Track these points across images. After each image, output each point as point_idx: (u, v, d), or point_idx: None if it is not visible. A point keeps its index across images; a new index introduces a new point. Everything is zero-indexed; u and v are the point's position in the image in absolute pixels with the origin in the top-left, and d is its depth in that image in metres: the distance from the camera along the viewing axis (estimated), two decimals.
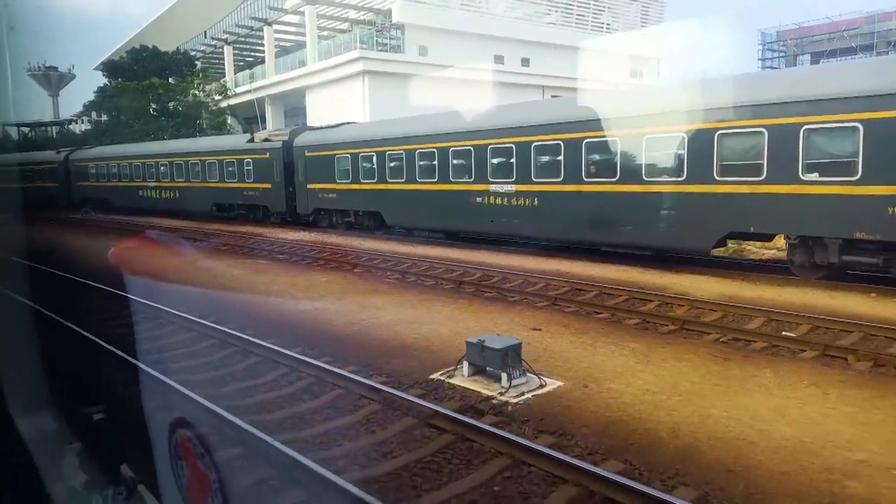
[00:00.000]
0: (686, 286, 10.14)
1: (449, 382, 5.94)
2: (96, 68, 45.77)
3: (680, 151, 11.04)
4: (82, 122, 50.01)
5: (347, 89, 34.09)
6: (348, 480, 3.91)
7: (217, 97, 42.01)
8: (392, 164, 16.97)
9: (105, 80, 44.14)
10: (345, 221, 19.11)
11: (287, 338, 7.34)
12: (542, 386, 5.75)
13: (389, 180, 17.07)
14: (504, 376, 5.68)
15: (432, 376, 6.09)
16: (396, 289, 10.71)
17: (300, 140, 20.47)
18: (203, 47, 48.49)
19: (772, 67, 42.88)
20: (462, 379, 5.98)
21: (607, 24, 44.37)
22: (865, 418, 5.03)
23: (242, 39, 44.09)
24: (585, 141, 12.40)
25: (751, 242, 13.81)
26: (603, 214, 12.21)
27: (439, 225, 16.76)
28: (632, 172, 11.63)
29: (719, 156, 10.47)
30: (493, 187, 14.29)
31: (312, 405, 5.51)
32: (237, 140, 24.43)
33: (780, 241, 11.49)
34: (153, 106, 39.16)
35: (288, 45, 42.00)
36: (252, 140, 22.57)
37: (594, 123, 12.25)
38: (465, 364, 6.04)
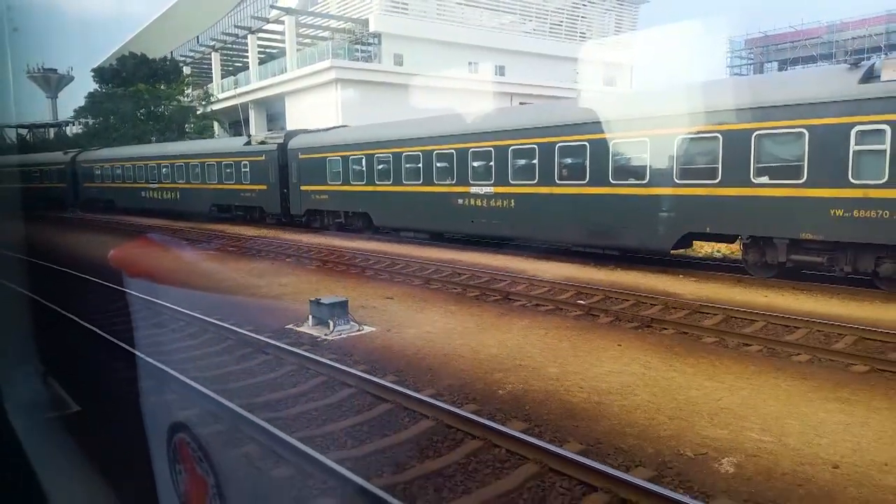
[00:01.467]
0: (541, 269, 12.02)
1: (296, 330, 7.82)
2: (92, 70, 46.54)
3: (643, 155, 11.34)
4: (75, 125, 50.40)
5: (322, 95, 35.17)
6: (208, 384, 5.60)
7: (202, 102, 43.00)
8: (380, 167, 17.28)
9: (96, 86, 44.95)
10: (335, 222, 19.45)
11: (211, 308, 8.71)
12: (359, 330, 7.73)
13: (377, 182, 17.40)
14: (331, 323, 7.62)
15: (287, 326, 7.99)
16: (297, 269, 13.15)
17: (294, 143, 20.64)
18: (192, 53, 48.93)
19: (740, 74, 43.19)
20: (307, 327, 7.86)
21: (581, 33, 44.66)
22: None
23: (229, 46, 44.63)
24: (558, 145, 12.72)
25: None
26: (573, 216, 12.52)
27: (423, 226, 17.04)
28: (599, 175, 11.94)
29: (678, 160, 10.77)
30: (473, 189, 14.61)
31: (200, 344, 7.33)
32: (235, 143, 24.54)
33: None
34: (141, 111, 40.13)
35: (274, 51, 42.51)
36: (249, 143, 22.73)
37: (567, 128, 12.56)
38: (310, 317, 7.92)
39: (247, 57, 43.46)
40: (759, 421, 4.88)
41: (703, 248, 14.42)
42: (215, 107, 43.68)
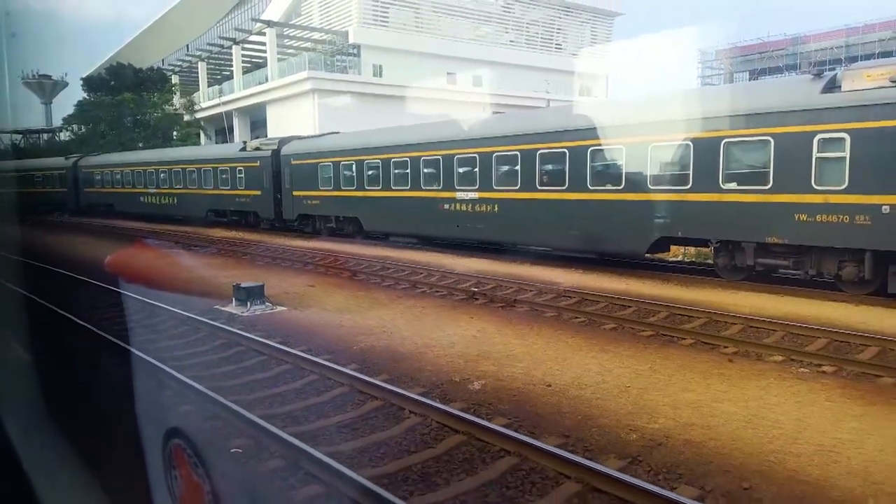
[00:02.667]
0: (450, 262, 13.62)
1: (220, 309, 9.01)
2: (82, 79, 46.52)
3: (619, 162, 11.43)
4: (65, 132, 50.05)
5: (300, 105, 35.54)
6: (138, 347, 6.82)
7: (187, 110, 43.40)
8: (369, 173, 17.22)
9: (84, 94, 45.18)
10: (327, 227, 19.35)
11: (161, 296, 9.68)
12: (272, 309, 9.02)
13: (367, 188, 17.36)
14: (248, 303, 8.94)
15: (215, 306, 9.15)
16: (246, 264, 14.56)
17: (286, 149, 20.48)
18: (179, 62, 49.02)
19: (711, 84, 43.85)
20: (231, 307, 9.07)
21: (557, 44, 44.96)
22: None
23: (215, 56, 44.78)
24: (539, 152, 12.78)
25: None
26: (554, 221, 12.56)
27: (411, 230, 16.98)
28: (578, 181, 12.02)
29: (652, 166, 10.87)
30: (458, 194, 14.62)
31: (142, 319, 8.58)
32: (231, 149, 24.30)
33: None
34: (127, 119, 40.59)
35: (260, 61, 42.74)
36: (244, 149, 22.54)
37: (547, 136, 12.62)
38: (233, 299, 9.18)
39: (232, 66, 43.58)
40: (528, 361, 6.50)
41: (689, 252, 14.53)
42: (202, 115, 43.80)
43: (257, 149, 21.85)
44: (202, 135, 44.72)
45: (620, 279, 11.28)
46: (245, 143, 23.52)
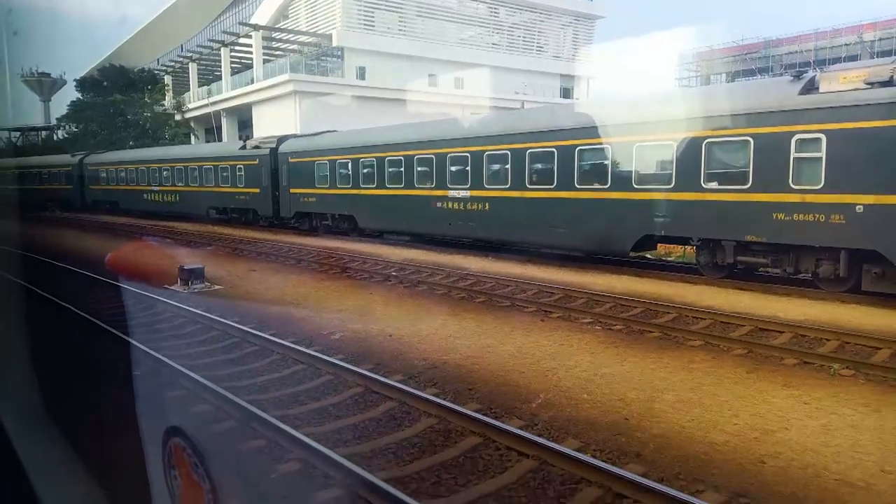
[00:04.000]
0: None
1: (170, 288, 9.94)
2: (75, 80, 46.66)
3: (605, 161, 11.31)
4: (59, 131, 49.32)
5: (283, 106, 35.45)
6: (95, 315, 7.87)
7: (175, 110, 43.47)
8: (364, 171, 16.96)
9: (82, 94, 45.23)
10: (323, 224, 19.07)
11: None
12: (209, 287, 10.11)
13: (362, 186, 17.10)
14: (189, 282, 9.99)
15: (167, 286, 10.06)
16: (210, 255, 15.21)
17: (284, 147, 20.08)
18: (172, 63, 48.71)
19: (688, 86, 43.90)
20: (178, 286, 10.02)
21: (539, 47, 44.71)
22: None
23: (205, 58, 44.57)
24: (529, 151, 12.63)
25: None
26: (543, 218, 12.41)
27: (404, 228, 16.74)
28: (566, 180, 11.89)
29: (636, 166, 10.77)
30: (451, 193, 14.44)
31: (106, 299, 9.25)
32: (231, 147, 23.84)
33: None
34: (118, 118, 40.82)
35: (248, 62, 42.73)
36: (244, 147, 22.08)
37: (537, 135, 12.45)
38: (178, 279, 10.15)
39: (220, 68, 43.32)
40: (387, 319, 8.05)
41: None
42: (191, 114, 43.57)
43: (256, 147, 21.44)
44: (192, 135, 44.59)
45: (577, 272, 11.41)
46: (245, 141, 23.06)
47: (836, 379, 5.62)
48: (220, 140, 41.33)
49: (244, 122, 41.90)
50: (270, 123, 34.26)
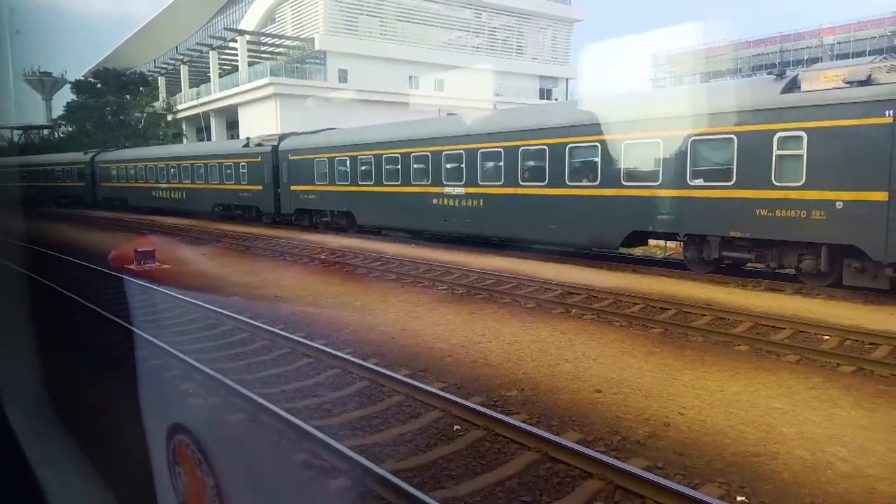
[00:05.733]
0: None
1: (127, 267, 10.93)
2: (70, 83, 46.32)
3: (595, 159, 11.04)
4: (57, 130, 48.62)
5: (265, 108, 35.27)
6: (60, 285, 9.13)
7: (166, 111, 43.49)
8: (362, 168, 16.51)
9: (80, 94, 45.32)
10: (322, 221, 18.61)
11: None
12: (159, 266, 11.20)
13: (360, 183, 16.69)
14: (141, 262, 11.04)
15: (125, 266, 11.05)
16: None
17: (284, 145, 19.50)
18: (165, 65, 48.06)
19: (662, 87, 43.78)
20: (133, 266, 11.04)
21: (519, 49, 44.16)
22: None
23: (196, 60, 44.18)
24: (521, 148, 12.31)
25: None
26: (535, 215, 12.12)
27: (401, 224, 16.37)
28: (557, 177, 11.63)
29: (625, 163, 10.53)
30: (446, 189, 14.11)
31: (74, 276, 10.66)
32: (235, 145, 23.12)
33: None
34: (110, 119, 41.24)
35: (237, 64, 42.21)
36: (247, 145, 21.39)
37: (528, 133, 12.14)
38: (134, 260, 11.15)
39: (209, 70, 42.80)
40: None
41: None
42: (183, 114, 43.27)
43: (259, 145, 20.77)
44: (182, 134, 44.42)
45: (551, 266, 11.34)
46: (248, 138, 22.33)
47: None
48: (209, 139, 40.89)
49: (232, 123, 41.55)
50: (254, 124, 34.13)
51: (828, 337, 6.40)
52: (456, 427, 4.15)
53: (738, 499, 3.24)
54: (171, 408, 4.57)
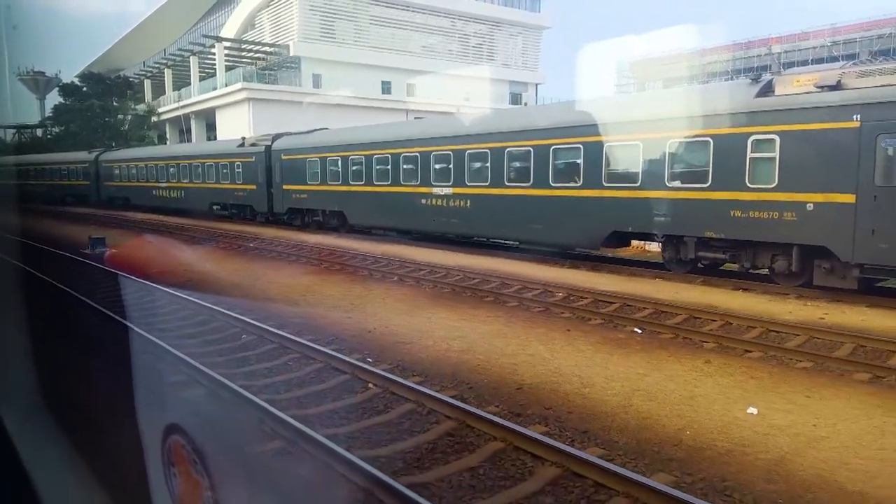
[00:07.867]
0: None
1: (83, 252, 11.59)
2: (58, 87, 44.76)
3: (578, 161, 10.70)
4: (47, 129, 46.91)
5: (238, 111, 34.86)
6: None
7: (148, 113, 43.11)
8: (353, 168, 15.85)
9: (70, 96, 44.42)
10: (314, 220, 17.86)
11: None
12: (108, 249, 11.90)
13: (351, 183, 16.03)
14: (94, 247, 11.86)
15: (82, 250, 11.87)
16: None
17: (277, 144, 18.62)
18: (150, 68, 46.86)
19: (626, 92, 43.84)
20: (88, 250, 11.71)
21: (490, 55, 43.63)
22: None
23: (179, 64, 43.11)
24: (507, 150, 11.88)
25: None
26: (520, 215, 11.66)
27: (391, 224, 15.75)
28: (541, 178, 11.24)
29: (606, 165, 10.20)
30: (434, 190, 13.60)
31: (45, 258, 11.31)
32: (230, 145, 22.03)
33: None
34: (94, 121, 40.86)
35: (215, 69, 40.95)
36: (242, 145, 20.39)
37: (514, 134, 11.68)
38: (88, 245, 11.92)
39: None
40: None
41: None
42: (165, 116, 42.64)
43: (253, 144, 19.84)
44: (165, 136, 43.77)
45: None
46: (244, 138, 21.32)
47: None
48: (190, 141, 39.91)
49: (210, 125, 40.67)
50: (230, 127, 33.69)
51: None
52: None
53: None
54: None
